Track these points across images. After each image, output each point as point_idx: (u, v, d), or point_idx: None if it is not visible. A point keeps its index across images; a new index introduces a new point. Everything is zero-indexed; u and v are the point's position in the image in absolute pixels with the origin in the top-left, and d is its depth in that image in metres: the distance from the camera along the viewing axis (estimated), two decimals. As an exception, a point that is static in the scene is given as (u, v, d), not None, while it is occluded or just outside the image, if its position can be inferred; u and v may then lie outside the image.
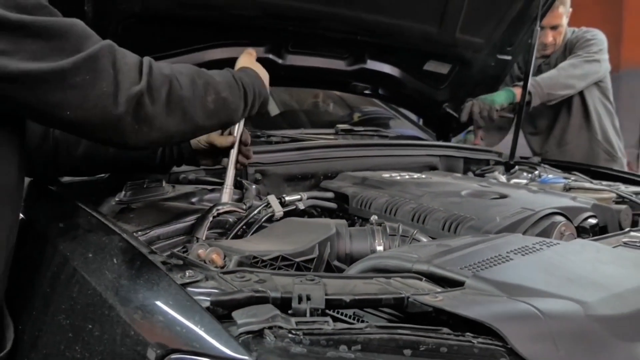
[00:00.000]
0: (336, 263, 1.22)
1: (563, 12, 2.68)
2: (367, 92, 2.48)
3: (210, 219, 1.29)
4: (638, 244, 1.27)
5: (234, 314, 0.86)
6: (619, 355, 0.89)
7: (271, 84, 2.10)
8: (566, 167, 2.29)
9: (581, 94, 2.76)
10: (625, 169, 2.77)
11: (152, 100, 1.00)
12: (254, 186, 1.59)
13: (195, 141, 1.43)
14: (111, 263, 0.96)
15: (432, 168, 2.12)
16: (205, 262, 1.06)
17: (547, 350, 0.85)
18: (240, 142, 1.47)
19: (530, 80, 2.54)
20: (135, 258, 0.97)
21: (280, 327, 0.84)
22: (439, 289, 0.99)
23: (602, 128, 2.84)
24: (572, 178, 2.06)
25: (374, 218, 1.32)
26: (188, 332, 0.83)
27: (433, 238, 1.33)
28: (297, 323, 0.86)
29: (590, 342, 0.89)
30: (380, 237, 1.26)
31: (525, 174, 2.20)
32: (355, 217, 1.58)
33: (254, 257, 1.09)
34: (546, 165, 2.32)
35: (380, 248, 1.25)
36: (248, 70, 1.34)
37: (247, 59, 1.43)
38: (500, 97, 2.45)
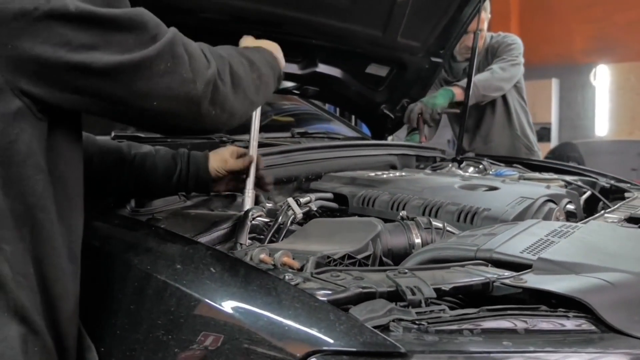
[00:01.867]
0: (383, 258, 1.25)
1: (484, 18, 2.90)
2: (320, 95, 2.52)
3: (249, 224, 1.25)
4: (620, 224, 1.45)
5: (353, 310, 0.87)
6: None
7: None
8: (502, 161, 2.50)
9: (503, 94, 3.02)
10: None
11: (223, 82, 1.00)
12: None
13: (214, 170, 1.39)
14: (209, 272, 0.91)
15: (393, 166, 2.21)
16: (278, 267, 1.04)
17: (626, 317, 0.95)
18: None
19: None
20: (235, 265, 0.93)
21: (401, 319, 0.87)
22: (507, 273, 1.06)
23: (521, 125, 3.13)
24: (525, 171, 2.26)
25: (403, 213, 1.37)
26: (327, 332, 0.82)
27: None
28: (417, 313, 0.88)
29: (652, 307, 1.01)
30: (416, 231, 1.31)
31: (472, 168, 2.38)
32: (356, 216, 1.62)
33: (328, 257, 1.09)
34: (487, 160, 2.52)
35: (418, 241, 1.30)
36: (261, 50, 1.32)
37: (250, 40, 1.42)
38: (441, 99, 2.61)
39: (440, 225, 1.35)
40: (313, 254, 1.10)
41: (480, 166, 2.36)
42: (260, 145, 1.96)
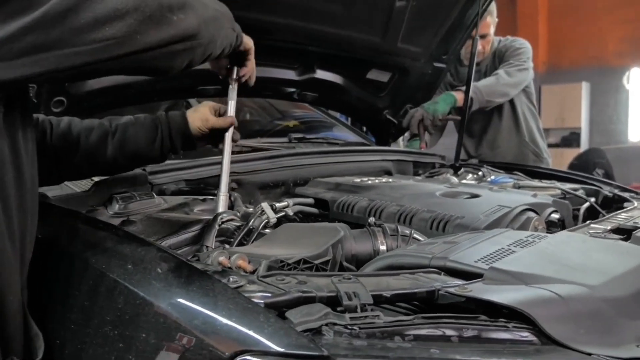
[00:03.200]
0: (345, 264, 1.28)
1: (491, 22, 2.89)
2: (319, 101, 2.55)
3: (217, 227, 1.29)
4: (603, 234, 1.43)
5: (288, 313, 0.89)
6: (628, 332, 0.99)
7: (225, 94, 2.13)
8: (504, 168, 2.49)
9: (510, 99, 3.00)
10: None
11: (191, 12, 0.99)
12: (236, 194, 1.60)
13: (197, 129, 1.43)
14: (156, 273, 0.95)
15: (387, 172, 2.22)
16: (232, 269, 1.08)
17: (569, 329, 0.95)
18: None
19: (472, 87, 2.74)
20: (181, 266, 0.97)
21: (335, 324, 0.89)
22: (459, 282, 1.07)
23: (529, 130, 3.10)
24: (523, 179, 2.25)
25: (372, 220, 1.39)
26: (256, 333, 0.85)
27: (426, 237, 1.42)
28: (351, 319, 0.91)
29: (602, 321, 1.00)
30: (382, 238, 1.33)
31: (470, 175, 2.38)
32: (337, 222, 1.64)
33: (281, 261, 1.12)
34: (488, 167, 2.51)
35: (383, 248, 1.32)
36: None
37: None
38: (443, 105, 2.61)
39: (408, 232, 1.37)
40: (271, 257, 1.13)
41: (479, 173, 2.36)
42: (252, 149, 2.03)
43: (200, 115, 1.44)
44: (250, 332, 0.85)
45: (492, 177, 2.19)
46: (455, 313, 0.96)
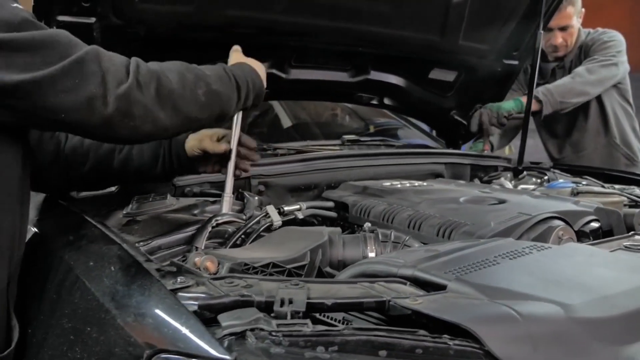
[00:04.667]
0: (328, 269, 1.26)
1: (572, 12, 2.65)
2: (374, 102, 2.52)
3: (209, 229, 1.34)
4: (637, 249, 1.28)
5: (220, 316, 0.90)
6: (601, 358, 0.90)
7: (276, 97, 2.16)
8: (579, 172, 2.29)
9: (599, 97, 2.72)
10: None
11: (142, 95, 1.06)
12: (256, 197, 1.64)
13: (190, 149, 1.48)
14: (109, 270, 1.02)
15: (438, 175, 2.14)
16: (200, 270, 1.11)
17: (524, 352, 0.87)
18: (241, 144, 1.50)
19: (542, 88, 2.55)
20: (131, 265, 1.02)
21: (262, 329, 0.89)
22: (421, 293, 1.02)
23: (621, 131, 2.80)
24: (584, 182, 2.06)
25: (367, 225, 1.36)
26: (174, 333, 0.87)
27: (426, 244, 1.36)
28: (278, 325, 0.89)
29: (570, 345, 0.89)
30: (372, 244, 1.29)
31: (534, 179, 2.22)
32: (356, 226, 1.62)
33: (245, 264, 1.14)
34: (556, 170, 2.32)
35: (372, 254, 1.28)
36: (241, 64, 1.38)
37: (236, 55, 1.48)
38: (509, 105, 2.45)
39: (404, 238, 1.32)
40: (249, 260, 1.16)
41: (545, 177, 2.19)
42: (296, 152, 2.06)
43: (198, 136, 1.48)
44: (168, 334, 0.88)
45: (551, 182, 2.02)
46: (414, 325, 0.92)
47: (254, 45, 2.00)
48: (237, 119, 1.49)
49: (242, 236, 1.38)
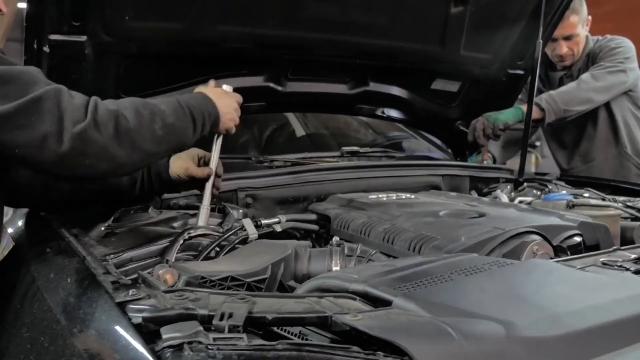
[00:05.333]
0: (291, 283, 1.27)
1: (577, 21, 2.59)
2: (377, 114, 2.52)
3: (181, 241, 1.37)
4: (617, 264, 1.25)
5: (162, 329, 0.93)
6: None
7: (273, 110, 2.18)
8: (584, 183, 2.23)
9: (608, 105, 2.65)
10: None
11: (100, 135, 1.10)
12: (240, 210, 1.66)
13: (175, 174, 1.52)
14: (65, 282, 1.06)
15: (435, 187, 2.12)
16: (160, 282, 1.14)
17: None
18: (216, 174, 1.54)
19: (545, 95, 2.50)
20: (86, 278, 1.06)
21: (200, 342, 0.91)
22: (367, 308, 1.02)
23: (632, 141, 2.72)
24: (585, 194, 2.02)
25: (335, 239, 1.37)
26: (113, 345, 0.91)
27: (396, 258, 1.36)
28: (215, 339, 0.91)
29: (507, 365, 0.89)
30: (337, 258, 1.30)
31: (534, 191, 2.18)
32: (334, 238, 1.62)
33: (202, 278, 1.16)
34: (560, 182, 2.27)
35: (336, 268, 1.29)
36: (196, 95, 1.43)
37: (203, 88, 1.52)
38: (507, 115, 2.41)
39: (372, 252, 1.32)
40: (207, 273, 1.18)
41: (547, 189, 2.15)
42: (293, 164, 2.08)
43: (182, 162, 1.52)
44: (107, 344, 0.91)
45: (547, 194, 1.98)
46: (361, 342, 0.93)
47: (248, 59, 2.06)
48: (218, 140, 1.55)
49: (217, 249, 1.41)
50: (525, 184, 2.18)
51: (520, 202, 2.01)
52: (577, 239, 1.48)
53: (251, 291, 1.22)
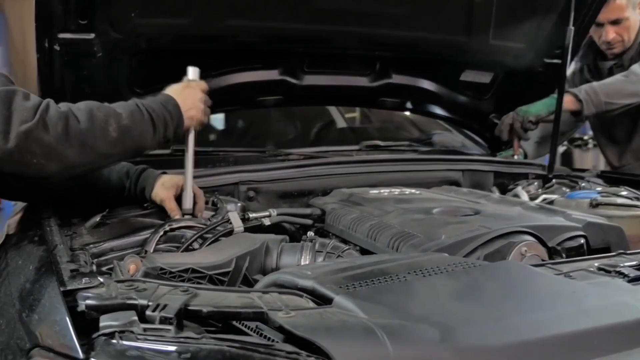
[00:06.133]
0: (258, 277, 1.26)
1: (625, 4, 2.37)
2: (406, 107, 2.45)
3: (161, 232, 1.39)
4: (615, 270, 1.15)
5: (102, 317, 0.95)
6: None
7: (290, 104, 2.17)
8: (629, 182, 2.06)
9: None
10: None
11: (47, 134, 1.14)
12: (239, 204, 1.67)
13: (154, 198, 1.53)
14: (27, 269, 1.11)
15: (453, 183, 2.03)
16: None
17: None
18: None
19: (586, 86, 2.33)
20: (45, 265, 1.10)
21: (132, 332, 0.92)
22: (305, 306, 1.00)
23: None
24: (623, 192, 1.86)
25: (310, 234, 1.34)
26: (49, 330, 0.94)
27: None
28: (145, 329, 0.92)
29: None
30: (307, 253, 1.28)
31: (564, 188, 2.04)
32: (330, 234, 1.60)
33: (161, 269, 1.18)
34: (595, 179, 2.12)
35: (305, 263, 1.27)
36: (159, 97, 1.43)
37: (170, 87, 1.51)
38: (538, 107, 2.27)
39: (345, 248, 1.29)
40: (168, 265, 1.20)
41: (577, 187, 2.02)
42: (305, 157, 2.06)
43: (163, 191, 1.51)
44: (44, 330, 0.95)
45: (571, 192, 1.85)
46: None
47: (261, 53, 2.06)
48: (190, 136, 1.53)
49: (199, 241, 1.42)
50: (553, 180, 2.05)
51: (544, 199, 1.90)
52: (580, 240, 1.37)
53: (213, 284, 1.23)
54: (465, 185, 2.05)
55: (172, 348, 0.88)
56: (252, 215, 1.53)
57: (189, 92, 1.48)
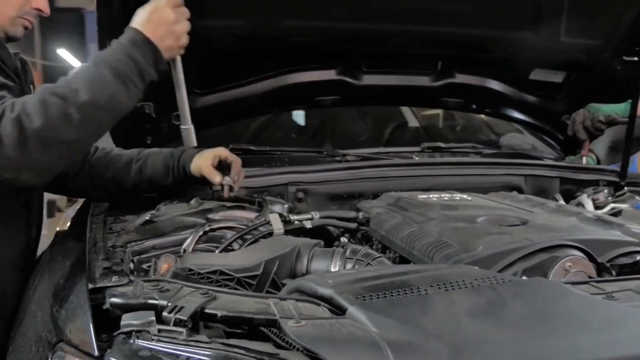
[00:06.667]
0: (286, 281, 1.26)
1: None
2: (467, 107, 2.36)
3: (200, 233, 1.43)
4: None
5: (124, 316, 0.99)
6: None
7: (348, 104, 2.16)
8: None
9: None
10: None
11: (3, 147, 1.07)
12: (285, 205, 1.67)
13: (193, 170, 1.55)
14: (65, 266, 1.17)
15: (514, 189, 1.93)
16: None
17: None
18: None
19: None
20: (79, 263, 1.16)
21: (148, 332, 0.96)
22: (318, 315, 0.98)
23: None
24: None
25: (343, 239, 1.32)
26: (73, 326, 0.99)
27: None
28: (160, 330, 0.96)
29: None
30: (337, 259, 1.26)
31: (638, 197, 1.88)
32: (374, 239, 1.57)
33: (190, 270, 1.20)
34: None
35: (334, 270, 1.25)
36: (124, 38, 1.23)
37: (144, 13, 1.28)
38: (612, 107, 2.10)
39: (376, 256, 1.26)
40: (197, 266, 1.23)
41: (651, 195, 1.86)
42: (363, 158, 2.04)
43: (202, 162, 1.54)
44: (67, 325, 1.00)
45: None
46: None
47: (318, 52, 2.05)
48: (176, 66, 1.39)
49: (240, 242, 1.44)
50: (625, 188, 1.90)
51: (612, 209, 1.77)
52: (637, 257, 1.26)
53: (242, 286, 1.24)
54: (528, 191, 1.95)
55: (181, 351, 0.90)
56: (293, 217, 1.53)
57: (158, 17, 1.26)
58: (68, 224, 1.53)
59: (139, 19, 1.25)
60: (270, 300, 1.04)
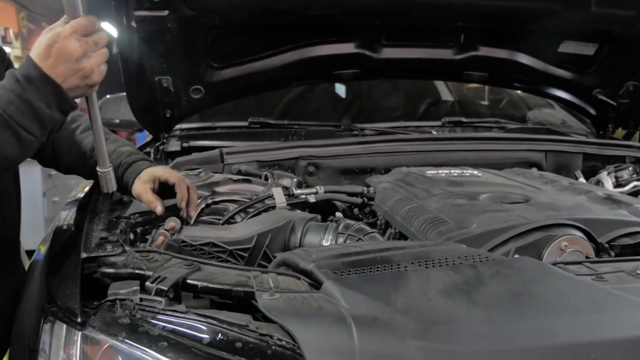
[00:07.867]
0: (279, 254, 1.27)
1: None
2: (493, 81, 2.29)
3: (203, 205, 1.46)
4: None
5: (111, 285, 1.04)
6: None
7: (367, 77, 2.13)
8: None
9: None
10: None
11: None
12: (294, 179, 1.68)
13: (133, 192, 1.37)
14: (67, 233, 1.23)
15: (534, 165, 1.88)
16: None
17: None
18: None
19: None
20: (77, 233, 1.21)
21: (131, 301, 0.99)
22: (293, 289, 1.00)
23: None
24: None
25: (338, 214, 1.32)
26: (62, 291, 1.03)
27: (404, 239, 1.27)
28: (141, 299, 0.99)
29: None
30: (329, 234, 1.27)
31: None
32: (378, 214, 1.56)
33: (183, 242, 1.24)
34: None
35: (326, 244, 1.26)
36: (14, 78, 1.00)
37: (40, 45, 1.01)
38: None
39: (369, 231, 1.26)
40: (190, 238, 1.26)
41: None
42: (379, 133, 2.02)
43: (141, 185, 1.34)
44: (58, 290, 1.05)
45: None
46: None
47: (336, 26, 2.03)
48: (91, 101, 1.10)
49: (242, 215, 1.46)
50: (651, 166, 1.81)
51: (634, 187, 1.70)
52: (629, 240, 1.22)
53: (234, 259, 1.27)
54: (549, 168, 1.89)
55: (158, 320, 0.93)
56: (297, 191, 1.54)
57: (58, 51, 0.98)
58: (80, 194, 1.58)
59: (37, 50, 1.00)
60: (252, 273, 1.06)
